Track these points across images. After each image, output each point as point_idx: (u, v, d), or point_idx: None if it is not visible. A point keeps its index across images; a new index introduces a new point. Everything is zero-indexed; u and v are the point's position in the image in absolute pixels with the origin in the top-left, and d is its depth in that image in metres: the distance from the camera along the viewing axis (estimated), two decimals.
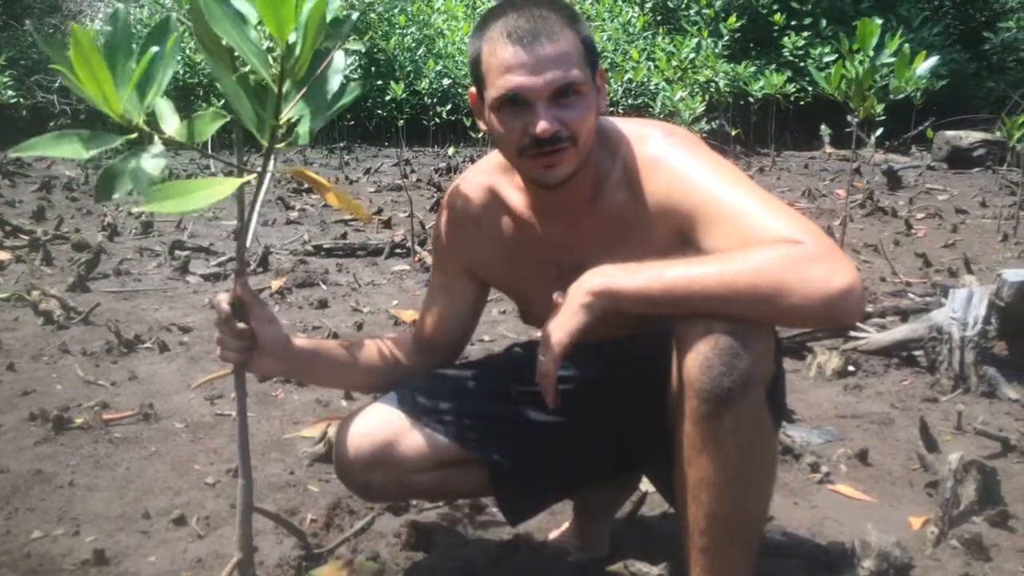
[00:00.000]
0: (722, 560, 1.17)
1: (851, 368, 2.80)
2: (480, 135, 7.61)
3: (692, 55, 9.15)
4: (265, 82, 1.07)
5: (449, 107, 10.78)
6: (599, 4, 11.79)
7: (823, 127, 9.27)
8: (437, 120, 10.73)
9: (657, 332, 1.19)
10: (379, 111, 11.55)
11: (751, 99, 9.82)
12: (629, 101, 9.90)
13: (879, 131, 6.26)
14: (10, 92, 10.47)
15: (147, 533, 1.76)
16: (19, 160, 9.28)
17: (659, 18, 12.21)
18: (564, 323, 1.17)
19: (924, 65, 3.64)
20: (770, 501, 1.24)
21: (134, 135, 1.03)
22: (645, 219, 1.26)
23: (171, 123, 1.09)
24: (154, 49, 1.00)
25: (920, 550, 1.69)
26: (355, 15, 1.18)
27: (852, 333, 2.97)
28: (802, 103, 10.38)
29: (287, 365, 1.39)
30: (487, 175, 1.42)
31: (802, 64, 10.24)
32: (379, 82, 11.38)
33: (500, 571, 1.63)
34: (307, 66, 1.06)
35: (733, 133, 9.56)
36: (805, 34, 10.99)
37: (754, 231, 1.13)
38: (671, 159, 1.25)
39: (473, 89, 1.31)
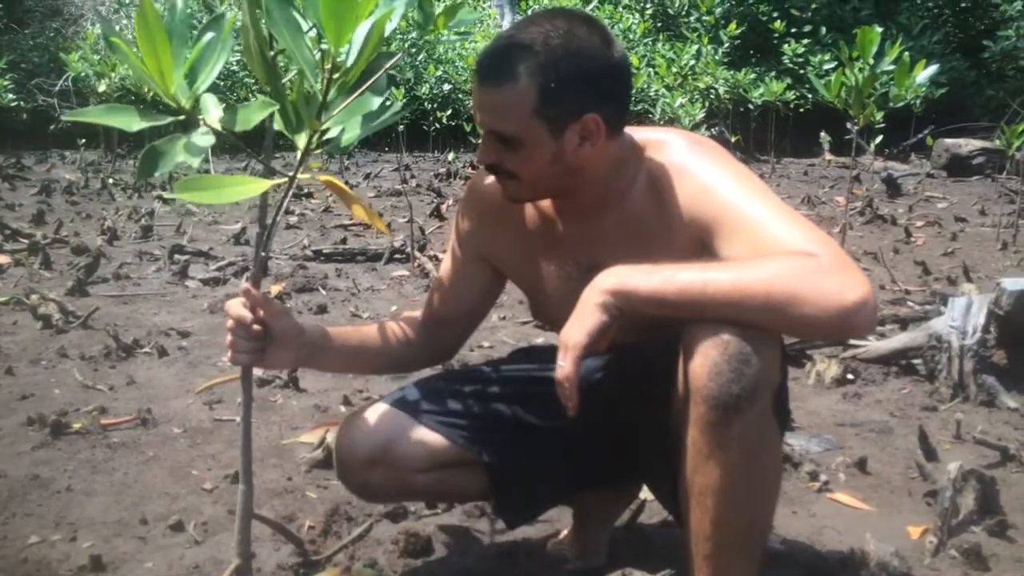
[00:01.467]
0: (726, 567, 1.17)
1: (850, 376, 2.80)
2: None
3: (692, 62, 9.17)
4: (309, 89, 1.09)
5: (449, 112, 10.79)
6: (599, 11, 11.81)
7: (823, 134, 9.27)
8: (437, 125, 10.75)
9: (662, 339, 1.19)
10: None
11: (751, 106, 9.84)
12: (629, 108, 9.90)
13: (878, 139, 6.26)
14: (11, 96, 10.47)
15: (144, 539, 1.76)
16: (19, 163, 9.29)
17: (659, 25, 12.23)
18: (581, 323, 1.16)
19: (924, 73, 3.64)
20: (775, 509, 1.24)
21: (182, 116, 1.04)
22: (668, 226, 1.26)
23: (214, 114, 1.10)
24: (209, 35, 1.02)
25: (919, 560, 1.69)
26: (399, 54, 1.22)
27: (851, 341, 2.97)
28: (802, 110, 10.40)
29: (302, 353, 1.39)
30: None
31: (802, 71, 10.26)
32: None
33: None
34: (357, 78, 1.08)
35: (733, 140, 9.56)
36: (805, 42, 11.01)
37: (771, 242, 1.14)
38: (696, 168, 1.26)
39: None
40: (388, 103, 1.19)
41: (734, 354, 1.07)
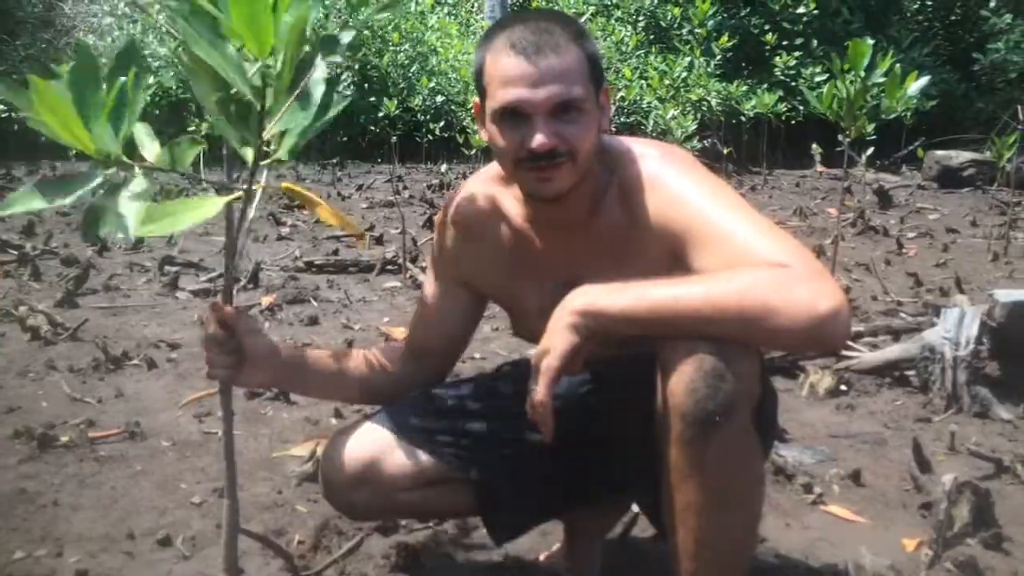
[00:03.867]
0: None
1: (843, 387, 2.79)
2: (472, 152, 7.63)
3: (684, 74, 9.22)
4: (248, 99, 1.06)
5: (442, 124, 10.81)
6: (592, 23, 11.85)
7: (814, 146, 9.32)
8: (430, 137, 10.76)
9: (644, 351, 1.18)
10: (372, 128, 11.56)
11: (743, 118, 9.89)
12: (621, 119, 9.94)
13: (870, 150, 6.29)
14: (2, 107, 10.43)
15: (131, 554, 1.73)
16: (9, 174, 9.25)
17: (652, 37, 12.28)
18: (552, 345, 1.15)
19: (915, 85, 3.65)
20: (759, 524, 1.22)
21: (113, 169, 1.01)
22: (640, 237, 1.26)
23: (150, 149, 1.08)
24: (121, 79, 0.99)
25: (914, 573, 1.67)
26: (349, 36, 1.17)
27: (844, 352, 2.97)
28: (793, 122, 10.46)
29: (276, 375, 1.38)
30: (488, 185, 1.42)
31: (793, 84, 10.33)
32: (372, 99, 11.40)
33: None
34: (289, 80, 1.05)
35: (725, 152, 9.60)
36: (797, 54, 11.08)
37: (744, 254, 1.13)
38: (667, 179, 1.25)
39: (477, 99, 1.31)
40: (332, 96, 1.12)
41: (709, 370, 1.06)
